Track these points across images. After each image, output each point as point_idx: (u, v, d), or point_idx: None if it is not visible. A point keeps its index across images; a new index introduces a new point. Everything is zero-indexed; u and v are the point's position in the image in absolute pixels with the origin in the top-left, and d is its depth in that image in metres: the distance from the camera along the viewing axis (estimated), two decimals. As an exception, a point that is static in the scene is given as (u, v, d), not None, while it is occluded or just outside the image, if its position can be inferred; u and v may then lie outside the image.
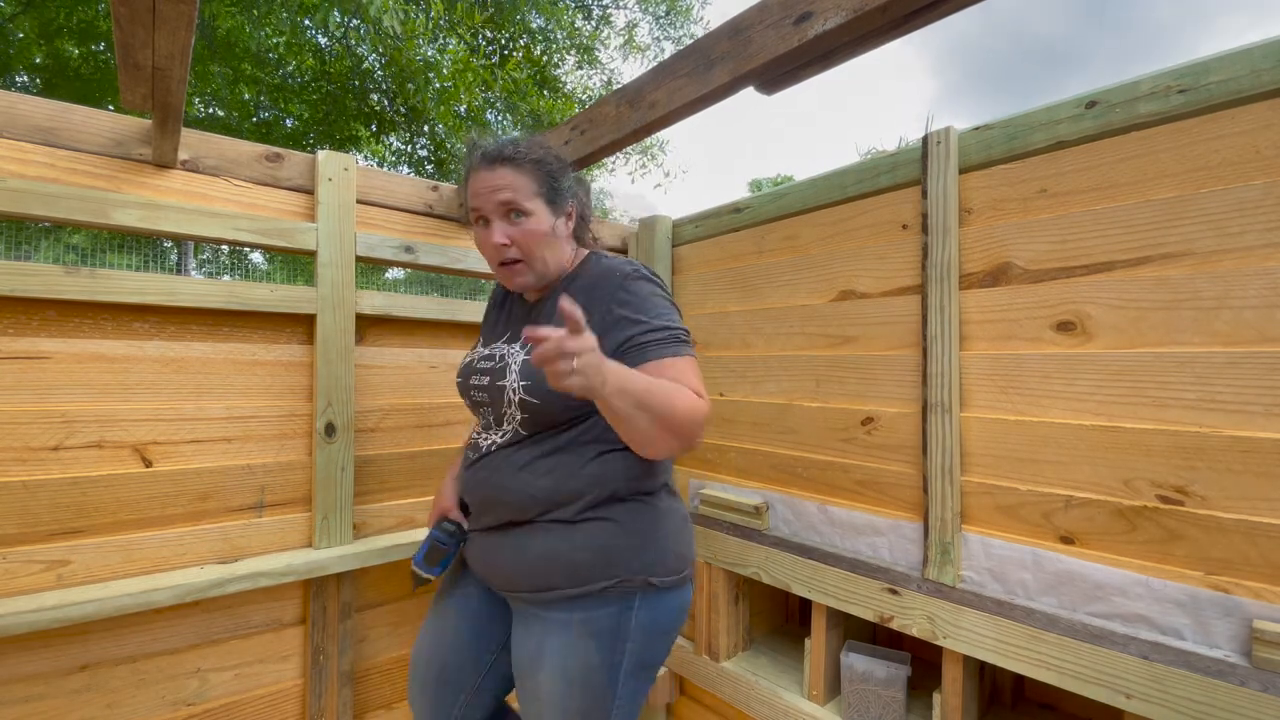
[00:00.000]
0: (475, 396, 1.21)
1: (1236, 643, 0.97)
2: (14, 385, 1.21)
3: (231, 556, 1.43)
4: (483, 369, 1.19)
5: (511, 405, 1.12)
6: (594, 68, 9.77)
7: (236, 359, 1.46)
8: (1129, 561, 1.09)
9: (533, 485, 1.10)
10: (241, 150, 1.49)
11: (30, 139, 1.25)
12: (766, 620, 1.99)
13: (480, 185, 1.12)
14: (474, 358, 1.25)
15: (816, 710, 1.52)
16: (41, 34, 7.02)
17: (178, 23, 0.90)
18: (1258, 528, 0.96)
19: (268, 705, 1.50)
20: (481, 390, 1.18)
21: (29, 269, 1.21)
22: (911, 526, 1.40)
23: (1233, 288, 1.00)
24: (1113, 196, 1.14)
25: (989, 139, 1.29)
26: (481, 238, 1.15)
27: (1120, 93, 1.12)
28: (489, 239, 1.13)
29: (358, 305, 1.60)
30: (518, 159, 1.13)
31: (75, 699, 1.26)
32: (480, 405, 1.21)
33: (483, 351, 1.25)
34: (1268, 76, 0.97)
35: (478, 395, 1.20)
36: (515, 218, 1.12)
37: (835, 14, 0.88)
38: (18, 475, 1.21)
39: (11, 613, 1.12)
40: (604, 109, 1.58)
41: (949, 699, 1.32)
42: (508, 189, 1.11)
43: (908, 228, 1.45)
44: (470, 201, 1.15)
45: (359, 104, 8.12)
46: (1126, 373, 1.10)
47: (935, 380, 1.34)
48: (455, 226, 1.86)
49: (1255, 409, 0.97)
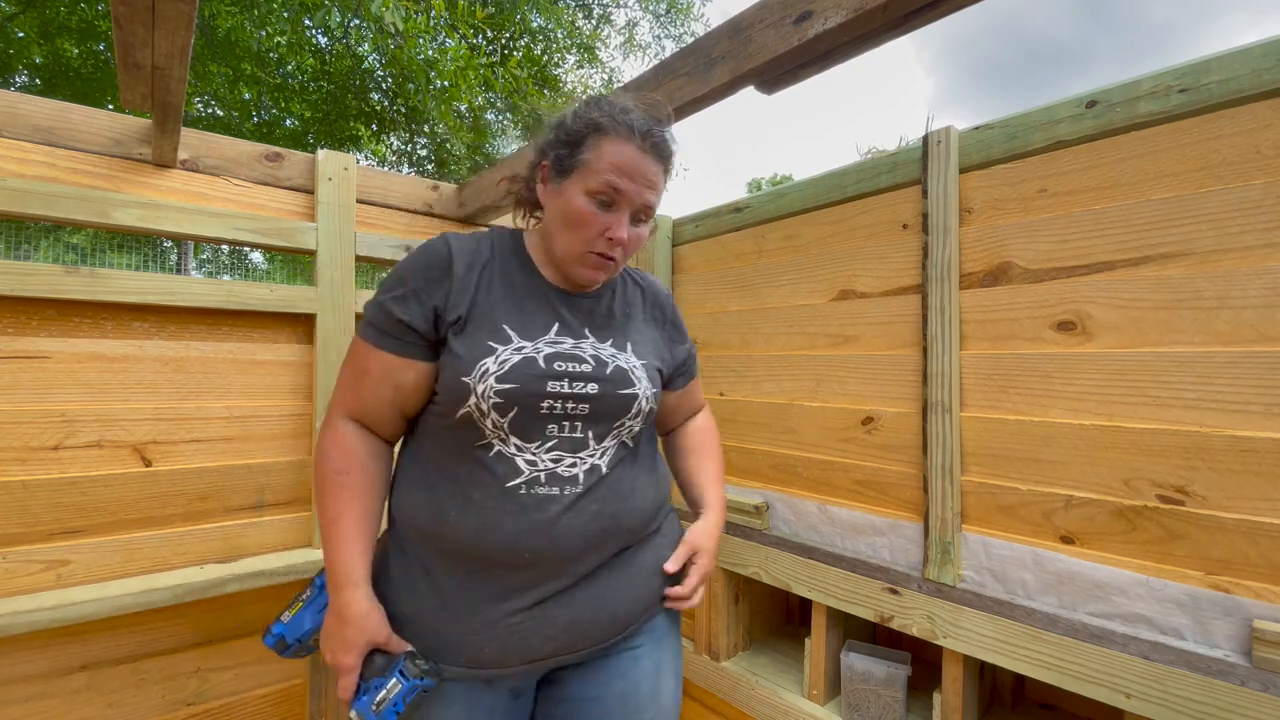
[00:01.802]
0: (563, 408, 0.91)
1: (1236, 642, 0.97)
2: (14, 385, 1.21)
3: (231, 556, 1.43)
4: (578, 373, 0.92)
5: (636, 416, 0.98)
6: (594, 66, 9.77)
7: (236, 359, 1.46)
8: (1129, 561, 1.09)
9: (646, 498, 1.01)
10: (241, 150, 1.49)
11: (30, 139, 1.25)
12: (766, 620, 1.99)
13: (636, 168, 0.91)
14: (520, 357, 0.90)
15: (816, 710, 1.52)
16: (41, 33, 7.03)
17: (177, 22, 0.90)
18: (1258, 527, 0.96)
19: (268, 705, 1.50)
20: (581, 401, 0.92)
21: (29, 269, 1.21)
22: (911, 526, 1.40)
23: (1233, 287, 1.00)
24: (1113, 196, 1.13)
25: (989, 139, 1.29)
26: (592, 216, 0.91)
27: (1120, 92, 1.12)
28: (608, 225, 0.92)
29: (357, 305, 1.60)
30: (669, 159, 0.98)
31: (75, 699, 1.26)
32: (565, 418, 0.92)
33: (552, 346, 0.93)
34: (1268, 76, 0.97)
35: (570, 406, 0.91)
36: (641, 222, 0.97)
37: (835, 13, 0.88)
38: (17, 475, 1.21)
39: (11, 612, 1.12)
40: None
41: (949, 699, 1.32)
42: (656, 191, 0.95)
43: (908, 227, 1.45)
44: (610, 175, 0.90)
45: (359, 104, 8.13)
46: (1127, 372, 1.10)
47: (935, 380, 1.34)
48: (455, 226, 1.86)
49: (1255, 409, 0.97)
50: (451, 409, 0.88)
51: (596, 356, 0.96)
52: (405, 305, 0.90)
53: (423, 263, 0.92)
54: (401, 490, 0.96)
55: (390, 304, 0.90)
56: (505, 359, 0.89)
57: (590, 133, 0.91)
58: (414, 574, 0.91)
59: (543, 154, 0.98)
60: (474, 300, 0.92)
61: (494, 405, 0.87)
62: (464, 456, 0.90)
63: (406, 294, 0.90)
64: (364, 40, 7.09)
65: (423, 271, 0.91)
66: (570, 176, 0.92)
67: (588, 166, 0.91)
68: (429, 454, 0.94)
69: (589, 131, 0.92)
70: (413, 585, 0.91)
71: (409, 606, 0.90)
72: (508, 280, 0.97)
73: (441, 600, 0.89)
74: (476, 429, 0.88)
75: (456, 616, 0.88)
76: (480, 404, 0.86)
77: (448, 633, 0.88)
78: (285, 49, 6.93)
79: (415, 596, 0.90)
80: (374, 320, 0.91)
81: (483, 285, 0.94)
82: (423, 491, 0.92)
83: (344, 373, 0.95)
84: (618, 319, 1.05)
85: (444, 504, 0.89)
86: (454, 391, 0.87)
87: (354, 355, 0.93)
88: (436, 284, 0.91)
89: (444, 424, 0.91)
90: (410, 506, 0.93)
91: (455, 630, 0.88)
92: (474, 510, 0.87)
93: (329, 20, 5.88)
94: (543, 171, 0.98)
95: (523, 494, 0.88)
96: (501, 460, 0.89)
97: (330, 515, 0.89)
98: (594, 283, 1.00)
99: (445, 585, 0.89)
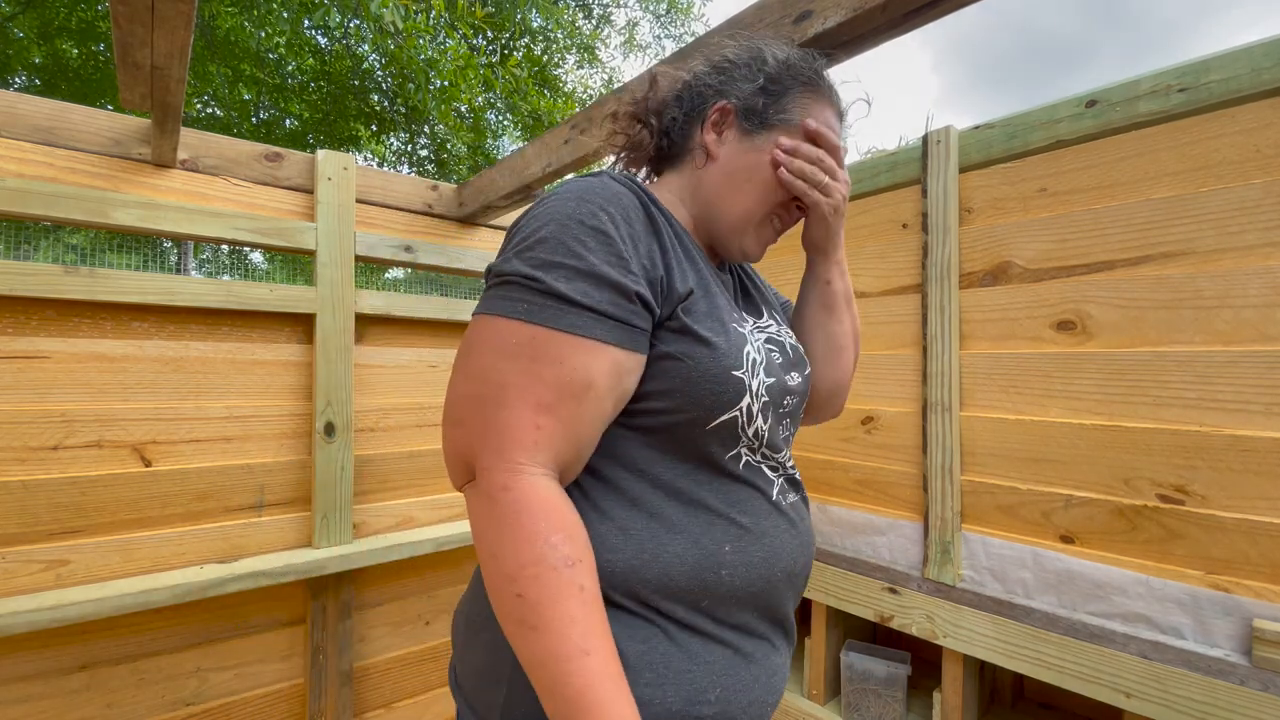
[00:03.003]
0: (790, 404, 0.75)
1: (1236, 642, 0.97)
2: (14, 385, 1.21)
3: (231, 556, 1.43)
4: (790, 361, 0.77)
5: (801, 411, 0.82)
6: (594, 67, 9.77)
7: (236, 359, 1.46)
8: (1129, 561, 1.09)
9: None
10: (241, 150, 1.49)
11: (30, 139, 1.25)
12: (766, 620, 1.98)
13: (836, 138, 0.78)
14: (762, 339, 0.73)
15: (816, 709, 1.52)
16: (41, 34, 7.03)
17: (176, 22, 0.90)
18: (1258, 527, 0.96)
19: (267, 705, 1.50)
20: (796, 395, 0.77)
21: (29, 269, 1.21)
22: (911, 526, 1.40)
23: (1233, 287, 1.00)
24: (1113, 195, 1.13)
25: (989, 138, 1.29)
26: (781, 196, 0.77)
27: (1120, 92, 1.12)
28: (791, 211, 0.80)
29: (357, 305, 1.60)
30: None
31: (75, 699, 1.26)
32: (788, 416, 0.76)
33: (761, 333, 0.75)
34: (1268, 75, 0.97)
35: (791, 402, 0.75)
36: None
37: (835, 12, 0.88)
38: (17, 475, 1.21)
39: (11, 612, 1.12)
40: (604, 108, 1.58)
41: (949, 698, 1.32)
42: None
43: (907, 227, 1.44)
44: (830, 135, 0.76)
45: (359, 104, 8.13)
46: (1126, 372, 1.10)
47: (935, 379, 1.34)
48: (455, 225, 1.86)
49: (1255, 408, 0.97)
50: (711, 414, 0.64)
51: (785, 342, 0.80)
52: (631, 271, 0.60)
53: (620, 210, 0.63)
54: (616, 547, 0.62)
55: (614, 273, 0.59)
56: (758, 344, 0.70)
57: (797, 86, 0.76)
58: (669, 649, 0.62)
59: (720, 93, 0.77)
60: (683, 264, 0.69)
61: (762, 405, 0.68)
62: (710, 475, 0.67)
63: (627, 254, 0.61)
64: (364, 40, 7.09)
65: (626, 224, 0.63)
66: (770, 132, 0.75)
67: (792, 127, 0.75)
68: (644, 484, 0.65)
69: (795, 84, 0.76)
70: (669, 664, 0.61)
71: (673, 694, 0.60)
72: (688, 241, 0.74)
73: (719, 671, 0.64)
74: (733, 439, 0.67)
75: (742, 684, 0.65)
76: (753, 404, 0.67)
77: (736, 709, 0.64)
78: (285, 49, 6.93)
79: (680, 680, 0.61)
80: (590, 301, 0.58)
81: (676, 244, 0.69)
82: (668, 537, 0.63)
83: (523, 392, 0.57)
84: (755, 291, 0.88)
85: (709, 544, 0.64)
86: (719, 392, 0.64)
87: (553, 363, 0.57)
88: (649, 240, 0.65)
89: (675, 440, 0.65)
90: (654, 564, 0.62)
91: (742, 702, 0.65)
92: (752, 539, 0.67)
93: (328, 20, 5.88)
94: (720, 114, 0.76)
95: (784, 504, 0.72)
96: (752, 470, 0.70)
97: (574, 644, 0.52)
98: (752, 258, 0.81)
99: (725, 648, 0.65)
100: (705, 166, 0.77)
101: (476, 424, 0.58)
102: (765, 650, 0.68)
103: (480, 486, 0.57)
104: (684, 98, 0.79)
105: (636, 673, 0.59)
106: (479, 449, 0.58)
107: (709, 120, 0.76)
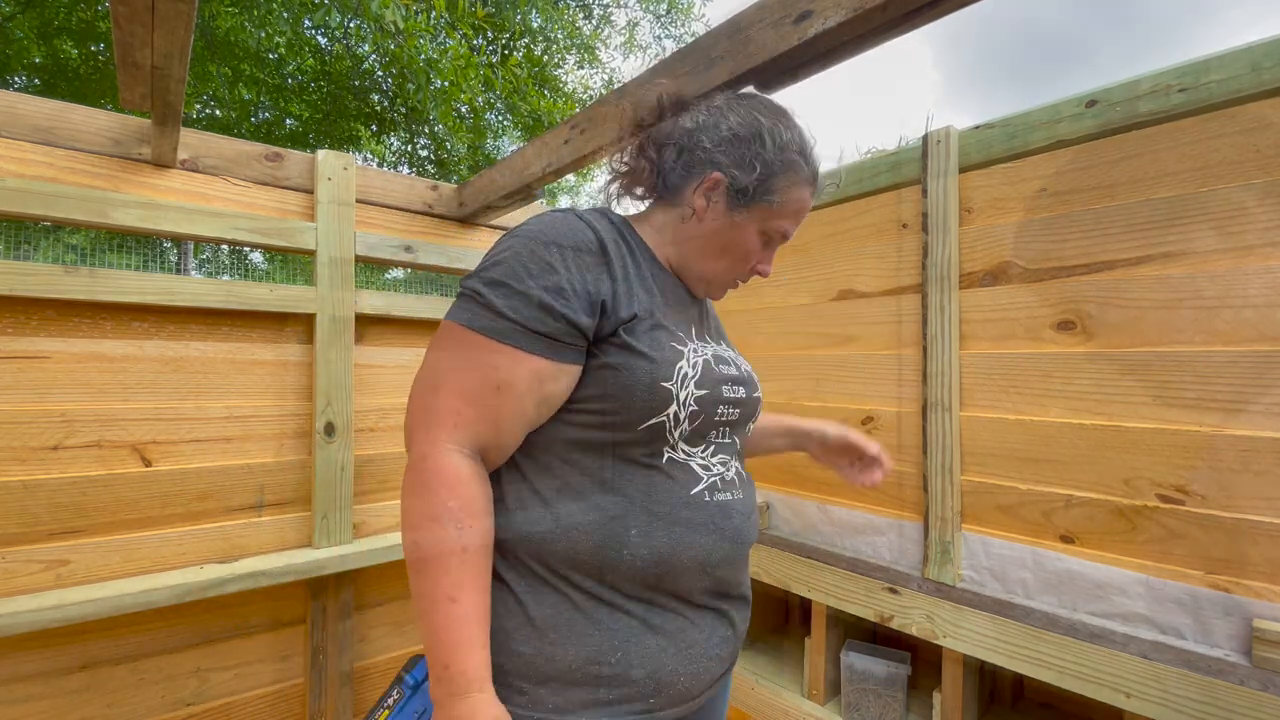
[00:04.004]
0: (727, 414, 0.84)
1: (1236, 642, 0.97)
2: (14, 385, 1.21)
3: (231, 556, 1.43)
4: (734, 377, 0.87)
5: (753, 420, 0.93)
6: (594, 67, 9.77)
7: (236, 359, 1.46)
8: (1129, 561, 1.09)
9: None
10: (241, 150, 1.49)
11: (30, 139, 1.25)
12: (766, 620, 1.98)
13: (805, 213, 0.90)
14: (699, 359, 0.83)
15: (816, 710, 1.52)
16: (40, 34, 7.03)
17: (176, 22, 0.90)
18: (1258, 527, 0.96)
19: (267, 705, 1.50)
20: (735, 406, 0.86)
21: (29, 269, 1.21)
22: (911, 526, 1.40)
23: (1233, 287, 1.00)
24: (1113, 195, 1.13)
25: (989, 138, 1.29)
26: (756, 252, 0.89)
27: (1120, 91, 1.12)
28: (762, 260, 0.91)
29: (357, 305, 1.60)
30: None
31: (75, 699, 1.26)
32: (725, 424, 0.85)
33: (710, 352, 0.86)
34: (1268, 75, 0.97)
35: (729, 412, 0.84)
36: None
37: (835, 12, 0.88)
38: (17, 475, 1.21)
39: (11, 612, 1.12)
40: (604, 108, 1.58)
41: (949, 698, 1.32)
42: None
43: (907, 227, 1.45)
44: (790, 223, 0.88)
45: (359, 104, 8.13)
46: (1126, 372, 1.10)
47: (935, 379, 1.34)
48: (455, 226, 1.86)
49: (1255, 408, 0.97)
50: (638, 418, 0.75)
51: (728, 358, 0.89)
52: (564, 298, 0.72)
53: (572, 244, 0.75)
54: (538, 520, 0.75)
55: (546, 296, 0.72)
56: (695, 361, 0.80)
57: (784, 170, 0.84)
58: (573, 614, 0.74)
59: (713, 163, 0.84)
60: (635, 291, 0.79)
61: (690, 414, 0.77)
62: (630, 468, 0.77)
63: (563, 284, 0.73)
64: (364, 40, 7.09)
65: (575, 256, 0.75)
66: (751, 210, 0.84)
67: (772, 208, 0.84)
68: (573, 471, 0.77)
69: (784, 169, 0.84)
70: (571, 627, 0.73)
71: (574, 653, 0.72)
72: (648, 270, 0.85)
73: (622, 638, 0.74)
74: (658, 439, 0.77)
75: (646, 651, 0.75)
76: (679, 412, 0.76)
77: (638, 672, 0.74)
78: (285, 49, 6.93)
79: (582, 641, 0.73)
80: (519, 317, 0.71)
81: (632, 274, 0.81)
82: (583, 516, 0.75)
83: (453, 383, 0.72)
84: (711, 319, 0.99)
85: (617, 526, 0.74)
86: (648, 399, 0.75)
87: (479, 363, 0.72)
88: (596, 271, 0.76)
89: (606, 436, 0.76)
90: (564, 538, 0.74)
91: (645, 667, 0.74)
92: (661, 526, 0.76)
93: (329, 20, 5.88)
94: (713, 184, 0.84)
95: (707, 500, 0.80)
96: (676, 466, 0.79)
97: (443, 590, 0.67)
98: (714, 299, 0.95)
99: (630, 618, 0.75)
100: (689, 221, 0.87)
101: (416, 406, 0.74)
102: (679, 625, 0.77)
103: (409, 455, 0.72)
104: (684, 149, 0.86)
105: (543, 632, 0.73)
106: (414, 425, 0.73)
107: (702, 185, 0.84)
